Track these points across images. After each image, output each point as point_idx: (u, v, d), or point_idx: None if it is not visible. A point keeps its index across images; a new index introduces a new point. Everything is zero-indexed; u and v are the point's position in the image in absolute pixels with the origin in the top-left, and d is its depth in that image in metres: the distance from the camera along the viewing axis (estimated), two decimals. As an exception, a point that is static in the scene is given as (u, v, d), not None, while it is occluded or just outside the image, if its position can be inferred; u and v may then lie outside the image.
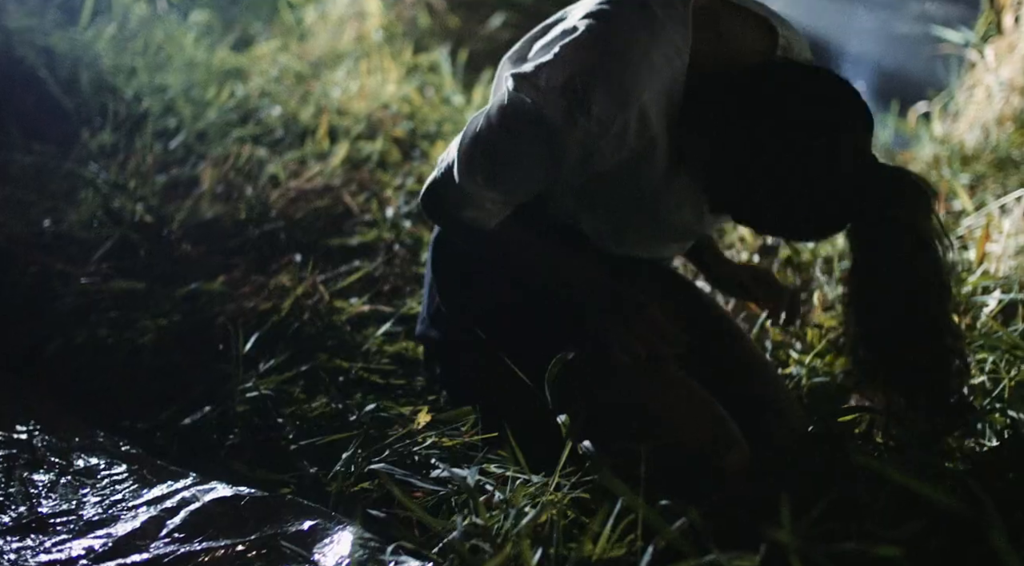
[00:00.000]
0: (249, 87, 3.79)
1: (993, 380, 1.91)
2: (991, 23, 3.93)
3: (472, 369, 1.84)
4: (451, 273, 1.85)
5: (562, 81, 1.51)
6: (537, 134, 1.54)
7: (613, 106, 1.50)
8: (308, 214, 2.82)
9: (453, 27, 5.20)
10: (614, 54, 1.50)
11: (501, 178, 1.60)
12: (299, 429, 1.88)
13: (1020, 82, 3.86)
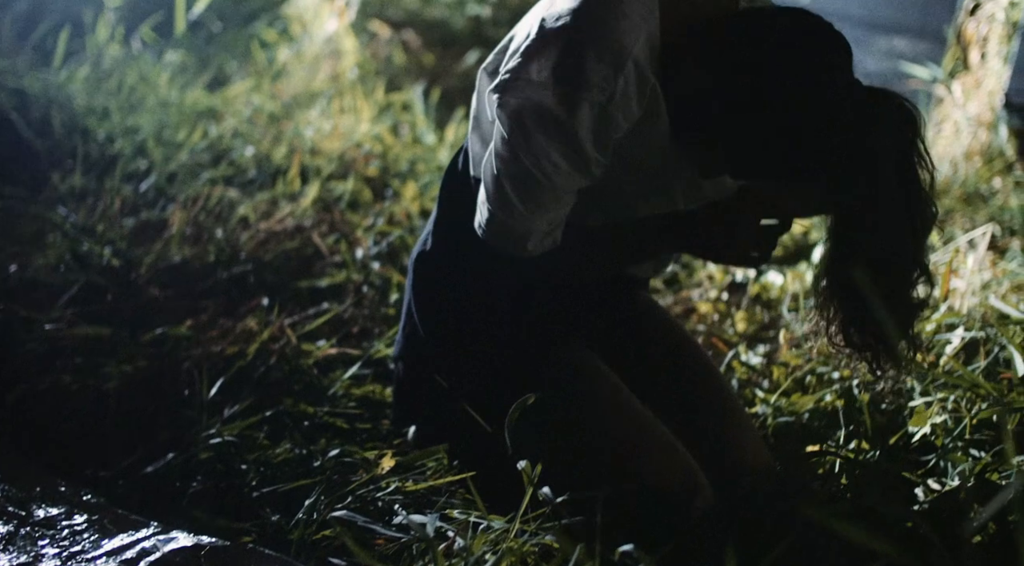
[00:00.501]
0: (223, 127, 3.79)
1: (955, 419, 1.92)
2: (958, 59, 3.98)
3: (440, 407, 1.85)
4: (429, 294, 1.85)
5: (551, 65, 1.50)
6: (548, 134, 1.52)
7: (609, 67, 1.50)
8: (278, 256, 2.82)
9: (428, 65, 5.24)
10: (593, 20, 1.50)
11: (540, 200, 1.59)
12: (262, 476, 1.88)
13: (987, 117, 3.90)
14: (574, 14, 1.52)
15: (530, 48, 1.53)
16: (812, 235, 3.32)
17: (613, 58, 1.50)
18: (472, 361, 1.78)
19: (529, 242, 1.63)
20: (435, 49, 5.38)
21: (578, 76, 1.49)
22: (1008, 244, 3.25)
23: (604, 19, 1.50)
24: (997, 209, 3.58)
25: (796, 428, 2.09)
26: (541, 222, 1.61)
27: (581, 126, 1.51)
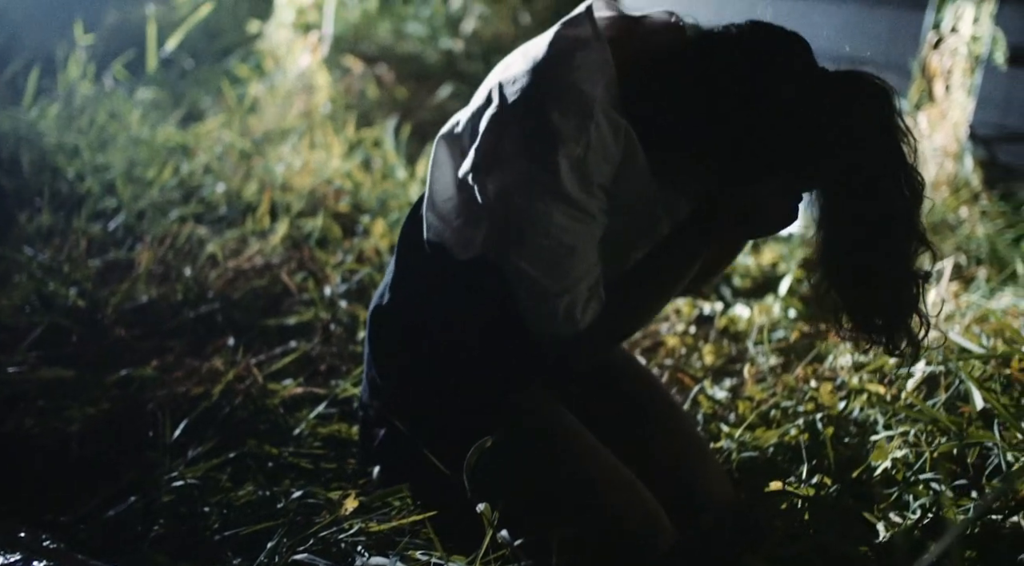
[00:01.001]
0: (194, 164, 3.80)
1: (916, 453, 1.93)
2: (923, 92, 4.03)
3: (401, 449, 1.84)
4: (387, 345, 1.85)
5: (520, 134, 1.52)
6: (542, 201, 1.53)
7: (577, 117, 1.51)
8: (246, 294, 2.82)
9: (401, 98, 5.26)
10: (550, 78, 1.52)
11: (566, 267, 1.59)
12: (225, 518, 1.87)
13: (953, 148, 3.95)
14: (531, 75, 1.54)
15: (494, 121, 1.55)
16: (779, 267, 3.34)
17: (578, 108, 1.51)
18: (432, 410, 1.77)
19: (577, 313, 1.62)
20: (408, 83, 5.42)
21: (549, 136, 1.50)
22: (974, 273, 3.28)
23: (560, 75, 1.52)
24: (964, 238, 3.61)
25: (761, 463, 2.10)
26: (579, 288, 1.61)
27: (569, 182, 1.52)
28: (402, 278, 1.80)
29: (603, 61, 1.55)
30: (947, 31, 3.93)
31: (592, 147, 1.52)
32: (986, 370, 2.17)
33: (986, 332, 2.43)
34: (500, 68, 1.62)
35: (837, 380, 2.36)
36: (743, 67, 1.52)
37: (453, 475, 1.66)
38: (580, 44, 1.55)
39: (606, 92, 1.55)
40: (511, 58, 1.63)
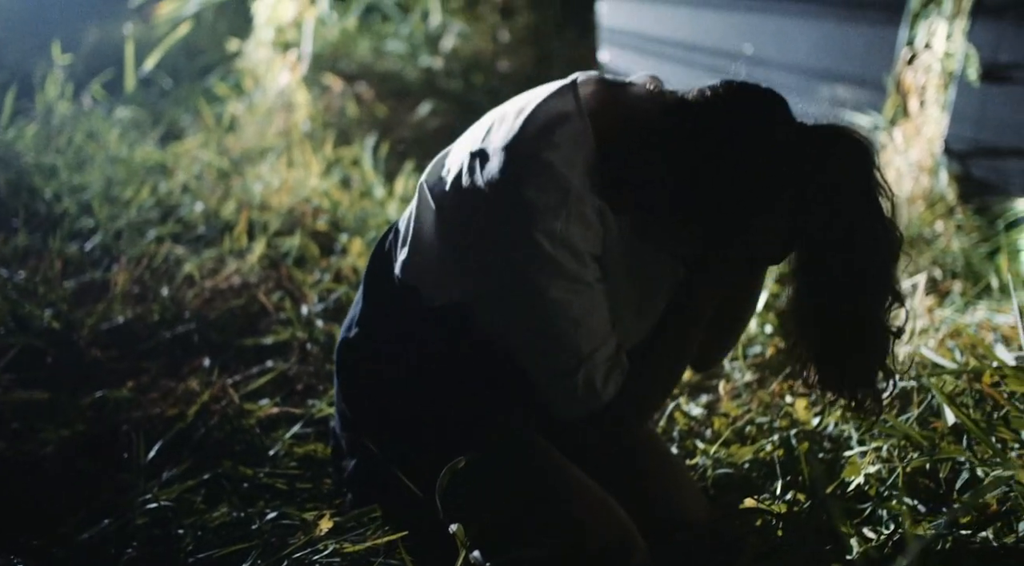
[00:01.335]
0: (172, 183, 3.80)
1: (889, 468, 1.94)
2: (898, 107, 4.06)
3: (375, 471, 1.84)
4: (356, 379, 1.85)
5: (498, 219, 1.53)
6: (536, 278, 1.54)
7: (555, 193, 1.51)
8: (223, 314, 2.82)
9: (381, 116, 5.27)
10: (528, 157, 1.52)
11: (577, 336, 1.58)
12: (199, 540, 1.86)
13: (928, 163, 3.98)
14: (508, 152, 1.54)
15: (472, 196, 1.55)
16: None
17: (556, 185, 1.52)
18: (403, 436, 1.77)
19: (598, 384, 1.62)
20: (388, 101, 5.43)
21: (527, 214, 1.51)
22: (949, 287, 3.30)
23: (537, 151, 1.52)
24: (939, 252, 3.64)
25: (736, 479, 2.10)
26: (595, 360, 1.61)
27: (559, 255, 1.53)
28: (370, 313, 1.80)
29: (583, 136, 1.56)
30: (921, 47, 3.97)
31: (572, 219, 1.53)
32: (958, 385, 2.18)
33: (959, 346, 2.45)
34: (483, 127, 1.62)
35: (812, 396, 2.37)
36: (720, 132, 1.52)
37: (426, 497, 1.65)
38: (561, 119, 1.56)
39: (584, 168, 1.55)
40: (495, 118, 1.63)
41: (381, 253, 1.80)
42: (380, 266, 1.79)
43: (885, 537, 1.76)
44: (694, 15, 5.12)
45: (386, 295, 1.76)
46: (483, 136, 1.60)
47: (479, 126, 1.66)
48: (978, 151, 3.86)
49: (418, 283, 1.68)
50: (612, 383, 1.63)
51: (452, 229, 1.60)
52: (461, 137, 1.70)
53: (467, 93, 5.72)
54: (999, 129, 3.76)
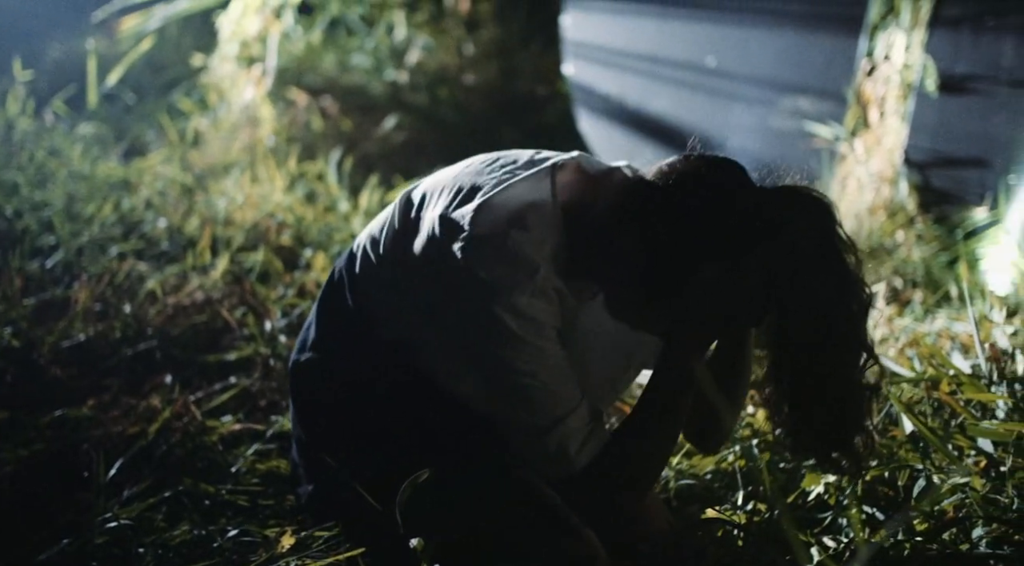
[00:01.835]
0: (135, 199, 3.78)
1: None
2: (858, 119, 4.11)
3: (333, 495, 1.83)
4: (310, 402, 1.84)
5: (468, 302, 1.55)
6: (507, 354, 1.56)
7: (522, 271, 1.54)
8: (186, 330, 2.81)
9: (346, 130, 5.28)
10: (496, 236, 1.55)
11: (546, 402, 1.60)
12: (160, 559, 1.84)
13: (888, 173, 4.02)
14: (477, 234, 1.55)
15: (437, 269, 1.58)
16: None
17: (523, 265, 1.54)
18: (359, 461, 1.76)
19: (571, 451, 1.62)
20: (353, 115, 5.43)
21: (494, 293, 1.53)
22: (910, 296, 3.34)
23: (506, 236, 1.55)
24: (900, 262, 3.68)
25: (698, 490, 2.12)
26: (569, 425, 1.61)
27: (521, 330, 1.55)
28: (324, 335, 1.81)
29: (553, 223, 1.59)
30: (880, 59, 4.01)
31: (536, 295, 1.55)
32: (916, 393, 2.20)
33: (918, 355, 2.47)
34: (457, 183, 1.65)
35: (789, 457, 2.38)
36: (680, 207, 1.54)
37: (386, 512, 1.65)
38: (534, 207, 1.59)
39: (551, 252, 1.58)
40: (470, 176, 1.66)
41: (337, 278, 1.81)
42: (335, 290, 1.80)
43: (844, 545, 1.78)
44: (658, 28, 5.16)
45: (340, 320, 1.78)
46: (455, 198, 1.62)
47: (454, 180, 1.67)
48: (937, 161, 3.90)
49: (374, 315, 1.70)
50: (586, 452, 1.63)
51: (415, 287, 1.63)
52: (434, 182, 1.71)
53: (432, 107, 5.74)
54: (957, 139, 3.81)
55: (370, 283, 1.73)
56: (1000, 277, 3.48)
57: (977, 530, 1.69)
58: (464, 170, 1.69)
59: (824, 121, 4.25)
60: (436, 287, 1.60)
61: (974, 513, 1.73)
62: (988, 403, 2.07)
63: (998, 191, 3.67)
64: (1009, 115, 3.62)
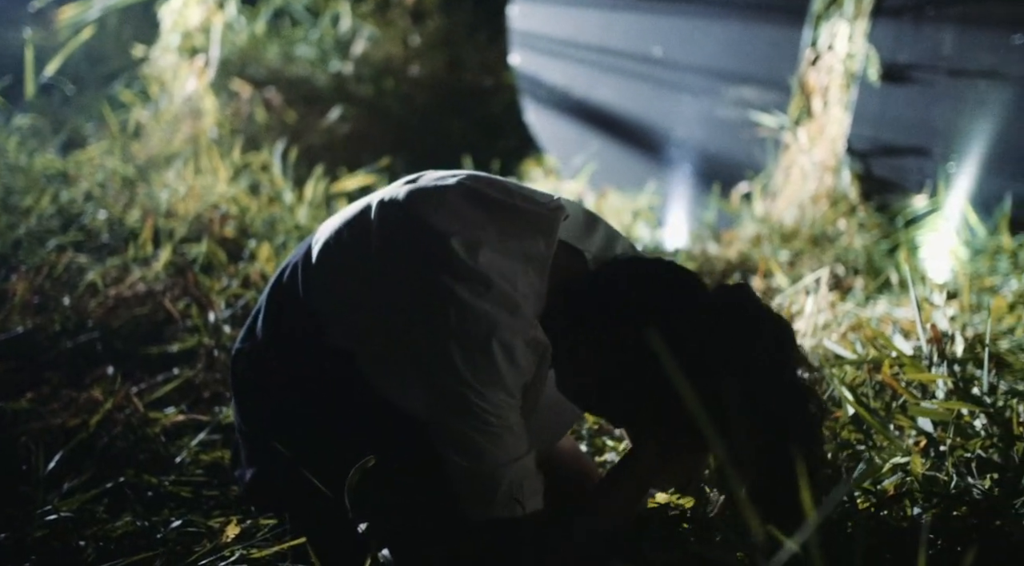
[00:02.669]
0: (74, 191, 3.72)
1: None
2: (802, 108, 4.15)
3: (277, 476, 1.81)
4: (249, 392, 1.82)
5: (463, 354, 1.52)
6: (491, 386, 1.53)
7: (521, 319, 1.55)
8: (127, 322, 2.77)
9: (291, 122, 5.23)
10: (467, 276, 1.54)
11: (509, 439, 1.56)
12: (101, 551, 1.81)
13: (831, 162, 4.07)
14: (458, 304, 1.53)
15: (419, 301, 1.55)
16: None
17: (524, 313, 1.56)
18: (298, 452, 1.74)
19: (523, 493, 1.57)
20: (298, 106, 5.39)
21: (497, 327, 1.52)
22: (852, 283, 3.38)
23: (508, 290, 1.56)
24: (842, 250, 3.73)
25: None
26: (523, 464, 1.58)
27: (504, 368, 1.53)
28: (271, 330, 1.77)
29: (539, 282, 1.60)
30: (824, 49, 4.06)
31: (528, 343, 1.56)
32: (859, 375, 2.23)
33: (861, 339, 2.50)
34: (453, 215, 1.62)
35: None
36: (627, 318, 1.58)
37: (333, 497, 1.64)
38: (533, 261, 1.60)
39: (535, 308, 1.59)
40: (467, 210, 1.64)
41: (290, 271, 1.76)
42: (288, 284, 1.75)
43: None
44: (604, 18, 5.18)
45: (290, 316, 1.73)
46: (451, 248, 1.58)
47: (451, 210, 1.63)
48: (879, 150, 3.96)
49: (325, 317, 1.66)
50: (532, 500, 1.60)
51: (382, 302, 1.59)
52: (422, 196, 1.67)
53: (378, 98, 5.71)
54: (898, 128, 3.86)
55: (328, 285, 1.68)
56: (939, 264, 3.54)
57: (917, 508, 1.71)
58: (463, 202, 1.66)
59: (769, 110, 4.29)
60: (414, 306, 1.56)
61: (914, 491, 1.75)
62: (928, 384, 2.10)
63: (938, 179, 3.73)
64: (949, 104, 3.68)
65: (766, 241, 3.90)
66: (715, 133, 4.58)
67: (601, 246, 1.76)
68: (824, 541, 1.64)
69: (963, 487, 1.73)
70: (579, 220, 1.75)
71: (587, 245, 1.73)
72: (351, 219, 1.70)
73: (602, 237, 1.77)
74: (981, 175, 3.63)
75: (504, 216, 1.63)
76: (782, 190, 4.21)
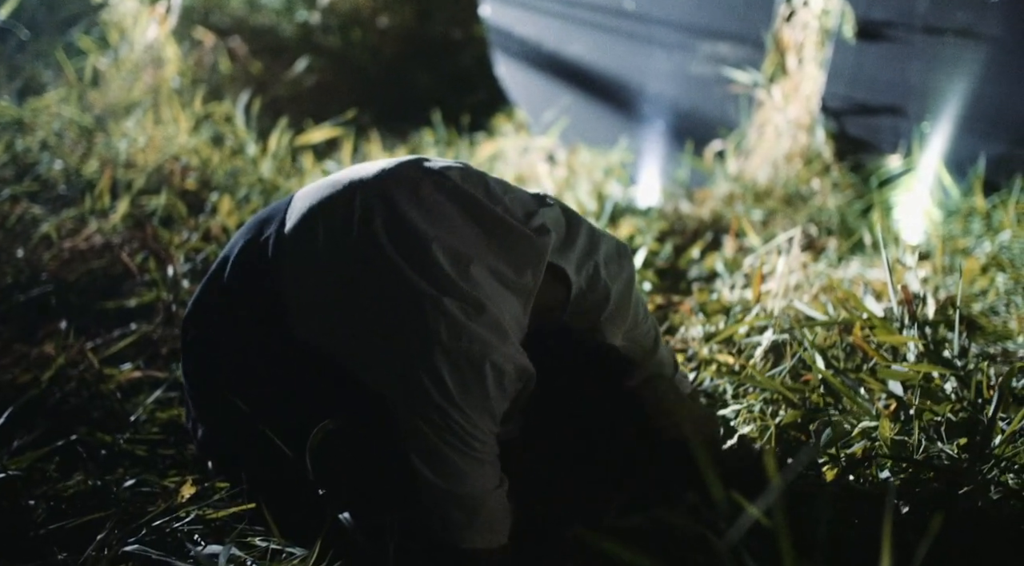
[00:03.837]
0: (30, 140, 3.61)
1: (762, 427, 1.95)
2: (777, 65, 4.09)
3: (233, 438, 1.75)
4: (194, 357, 1.74)
5: (474, 351, 1.48)
6: (475, 407, 1.50)
7: (511, 344, 1.53)
8: (83, 276, 2.69)
9: (256, 73, 5.11)
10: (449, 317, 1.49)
11: (488, 468, 1.52)
12: (52, 511, 1.76)
13: (806, 120, 4.02)
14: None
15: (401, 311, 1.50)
16: (636, 239, 3.35)
17: (514, 341, 1.55)
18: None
19: (479, 522, 1.51)
20: (263, 57, 5.27)
21: (492, 349, 1.49)
22: (825, 244, 3.35)
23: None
24: (816, 209, 3.69)
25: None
26: (497, 494, 1.53)
27: (493, 390, 1.50)
28: (233, 304, 1.68)
29: (521, 324, 1.58)
30: (799, 4, 3.99)
31: (518, 371, 1.53)
32: (830, 337, 2.20)
33: (832, 301, 2.47)
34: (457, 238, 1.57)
35: (688, 351, 2.37)
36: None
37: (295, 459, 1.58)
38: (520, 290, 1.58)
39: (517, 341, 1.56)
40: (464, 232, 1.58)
41: (257, 245, 1.65)
42: (256, 256, 1.64)
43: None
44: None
45: (252, 290, 1.64)
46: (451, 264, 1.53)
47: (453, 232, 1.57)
48: (853, 109, 3.91)
49: (291, 309, 1.57)
50: (504, 533, 1.55)
51: (367, 305, 1.52)
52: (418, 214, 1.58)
53: (345, 49, 5.59)
54: (873, 86, 3.82)
55: (299, 277, 1.58)
56: (912, 224, 3.51)
57: (885, 472, 1.68)
58: (450, 204, 1.59)
59: (742, 67, 4.23)
60: (396, 311, 1.49)
61: (882, 455, 1.73)
62: (899, 346, 2.07)
63: (912, 139, 3.69)
64: (924, 63, 3.63)
65: (739, 200, 3.85)
66: (688, 89, 4.52)
67: (582, 254, 1.69)
68: (789, 506, 1.62)
69: (932, 452, 1.70)
70: (560, 225, 1.68)
71: (568, 256, 1.67)
72: (332, 206, 1.59)
73: (584, 243, 1.70)
74: (956, 135, 3.60)
75: (496, 234, 1.56)
76: (756, 148, 4.16)
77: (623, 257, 1.76)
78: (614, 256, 1.74)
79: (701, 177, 4.27)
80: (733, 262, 3.15)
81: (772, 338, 2.20)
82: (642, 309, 1.84)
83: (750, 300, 2.52)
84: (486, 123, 5.28)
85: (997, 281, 2.68)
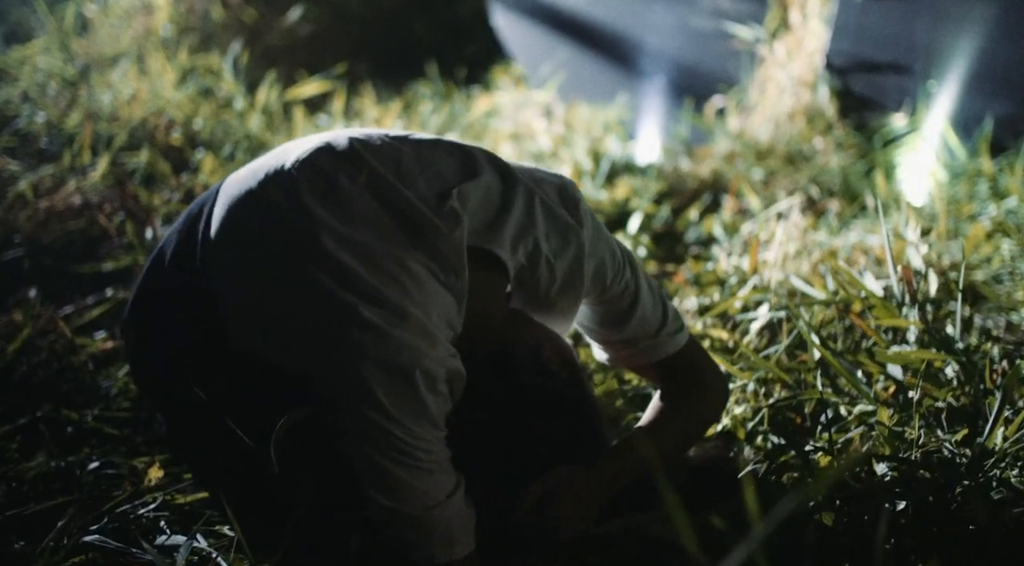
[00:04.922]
0: (11, 91, 3.50)
1: (755, 408, 1.88)
2: (780, 20, 3.97)
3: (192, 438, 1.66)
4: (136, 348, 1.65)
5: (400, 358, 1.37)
6: (411, 420, 1.39)
7: (441, 347, 1.43)
8: (59, 238, 2.61)
9: (249, 21, 4.98)
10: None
11: (437, 477, 1.42)
12: (12, 494, 1.69)
13: (809, 78, 3.91)
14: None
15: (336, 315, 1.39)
16: (632, 202, 3.25)
17: (444, 343, 1.44)
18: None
19: (434, 539, 1.42)
20: (256, 4, 5.12)
21: (421, 355, 1.39)
22: (826, 206, 3.25)
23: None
24: (818, 169, 3.59)
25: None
26: (441, 511, 1.42)
27: (429, 400, 1.40)
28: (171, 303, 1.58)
29: (452, 322, 1.48)
30: (804, -42, 3.87)
31: (451, 374, 1.44)
32: (827, 315, 2.12)
33: (831, 271, 2.38)
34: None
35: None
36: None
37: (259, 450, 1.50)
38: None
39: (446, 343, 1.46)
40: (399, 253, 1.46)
41: (188, 247, 1.52)
42: (185, 261, 1.51)
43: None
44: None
45: (185, 298, 1.52)
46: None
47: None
48: (857, 66, 3.80)
49: (227, 318, 1.45)
50: (466, 539, 1.45)
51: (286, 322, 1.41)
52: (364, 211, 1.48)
53: (341, -2, 5.46)
54: (878, 43, 3.70)
55: (229, 285, 1.46)
56: (916, 185, 3.42)
57: (882, 465, 1.61)
58: (359, 192, 1.48)
59: (744, 22, 4.11)
60: (311, 313, 1.38)
61: (880, 447, 1.65)
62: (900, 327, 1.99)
63: (917, 97, 3.58)
64: (931, 19, 3.51)
65: (740, 158, 3.75)
66: (689, 44, 4.39)
67: (518, 229, 1.56)
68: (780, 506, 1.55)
69: (931, 446, 1.62)
70: (490, 199, 1.56)
71: (500, 236, 1.53)
72: (247, 208, 1.47)
73: (520, 216, 1.57)
74: (962, 95, 3.49)
75: (411, 226, 1.44)
76: (757, 105, 4.04)
77: (568, 231, 1.63)
78: (557, 228, 1.62)
79: (701, 134, 4.16)
80: (732, 225, 3.06)
81: (768, 315, 2.12)
82: (611, 271, 1.70)
83: (747, 271, 2.44)
84: (483, 76, 5.15)
85: (1003, 247, 2.59)
